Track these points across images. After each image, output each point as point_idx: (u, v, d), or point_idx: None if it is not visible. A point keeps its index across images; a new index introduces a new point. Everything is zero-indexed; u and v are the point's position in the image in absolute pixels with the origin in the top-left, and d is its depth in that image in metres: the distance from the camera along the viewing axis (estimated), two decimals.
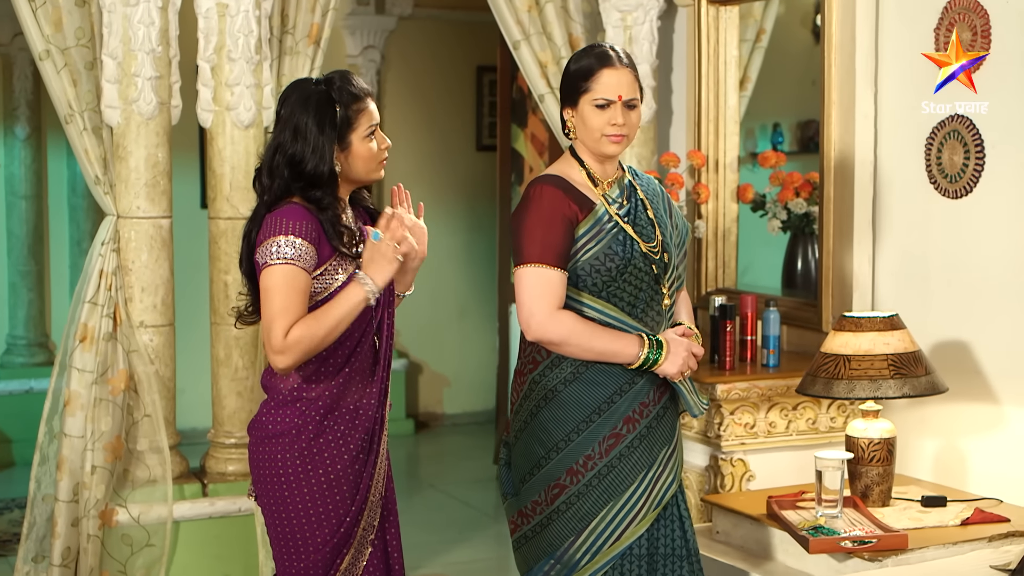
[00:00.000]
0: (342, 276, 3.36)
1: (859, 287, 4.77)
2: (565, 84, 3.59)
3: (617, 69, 3.51)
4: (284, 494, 3.39)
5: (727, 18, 5.44)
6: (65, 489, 4.90)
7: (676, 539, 3.58)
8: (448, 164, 8.83)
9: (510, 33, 5.57)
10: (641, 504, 3.51)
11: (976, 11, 4.34)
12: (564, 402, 3.49)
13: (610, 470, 3.48)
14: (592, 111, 3.51)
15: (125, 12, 4.88)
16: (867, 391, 4.01)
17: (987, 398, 4.38)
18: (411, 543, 6.33)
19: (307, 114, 3.35)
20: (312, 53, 5.26)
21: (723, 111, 5.47)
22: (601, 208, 3.52)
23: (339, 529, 3.39)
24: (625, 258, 3.48)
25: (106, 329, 4.94)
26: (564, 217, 3.47)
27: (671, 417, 3.59)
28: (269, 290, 3.28)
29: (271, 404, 3.43)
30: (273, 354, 3.29)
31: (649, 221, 3.59)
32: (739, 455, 4.62)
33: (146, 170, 4.96)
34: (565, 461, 3.49)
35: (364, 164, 3.42)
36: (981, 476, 4.40)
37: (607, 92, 3.50)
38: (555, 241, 3.45)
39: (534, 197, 3.51)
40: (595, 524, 3.48)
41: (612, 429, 3.48)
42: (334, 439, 3.39)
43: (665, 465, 3.55)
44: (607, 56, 3.53)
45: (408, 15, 8.57)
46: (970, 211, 4.42)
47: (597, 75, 3.51)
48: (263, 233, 3.32)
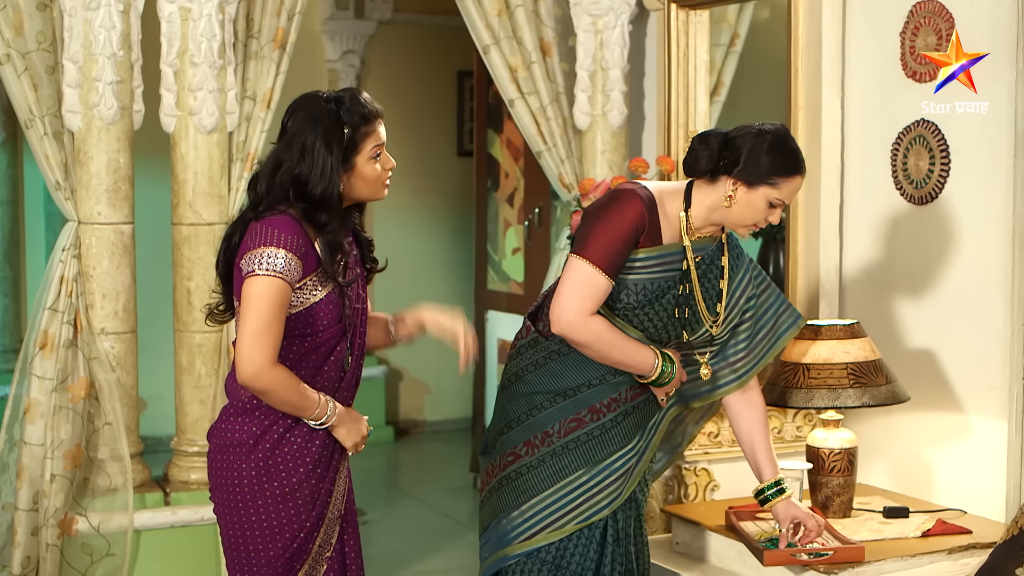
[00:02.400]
0: (320, 293, 3.30)
1: (826, 294, 4.72)
2: (755, 162, 3.43)
3: (803, 178, 3.50)
4: (239, 504, 3.34)
5: (697, 22, 5.39)
6: (25, 498, 4.85)
7: (589, 563, 3.54)
8: (429, 170, 8.78)
9: (480, 37, 5.53)
10: (570, 508, 3.49)
11: (941, 15, 4.29)
12: (529, 383, 3.56)
13: (565, 451, 3.51)
14: (763, 204, 3.45)
15: (86, 16, 4.82)
16: (826, 400, 3.95)
17: (953, 407, 4.33)
18: (383, 552, 6.33)
19: (315, 133, 3.26)
20: (278, 58, 5.20)
21: (693, 116, 5.42)
22: (674, 247, 3.50)
23: (292, 544, 3.34)
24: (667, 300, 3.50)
25: (66, 336, 4.88)
26: (633, 241, 3.45)
27: (634, 423, 3.55)
28: (253, 300, 3.21)
29: (230, 411, 3.38)
30: (246, 367, 3.20)
31: (717, 291, 3.57)
32: (703, 464, 4.56)
33: (107, 175, 4.91)
34: (525, 432, 3.55)
35: (367, 186, 3.35)
36: (946, 487, 4.34)
37: (788, 198, 3.49)
38: (621, 259, 3.44)
39: (625, 206, 3.45)
40: (534, 502, 3.51)
41: (576, 414, 3.52)
42: (291, 451, 3.34)
43: (608, 483, 3.52)
44: (801, 163, 3.48)
45: (388, 20, 8.53)
46: (935, 217, 4.36)
47: (791, 179, 3.46)
48: (251, 240, 3.25)
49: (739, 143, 3.45)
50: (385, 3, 8.49)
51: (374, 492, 7.52)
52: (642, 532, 3.69)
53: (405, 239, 8.62)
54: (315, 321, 3.30)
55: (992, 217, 4.14)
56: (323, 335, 3.33)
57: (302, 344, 3.32)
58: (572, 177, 5.58)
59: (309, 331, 3.31)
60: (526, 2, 5.53)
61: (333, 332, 3.35)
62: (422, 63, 8.70)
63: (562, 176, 5.59)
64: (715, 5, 5.35)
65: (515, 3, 5.51)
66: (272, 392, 3.23)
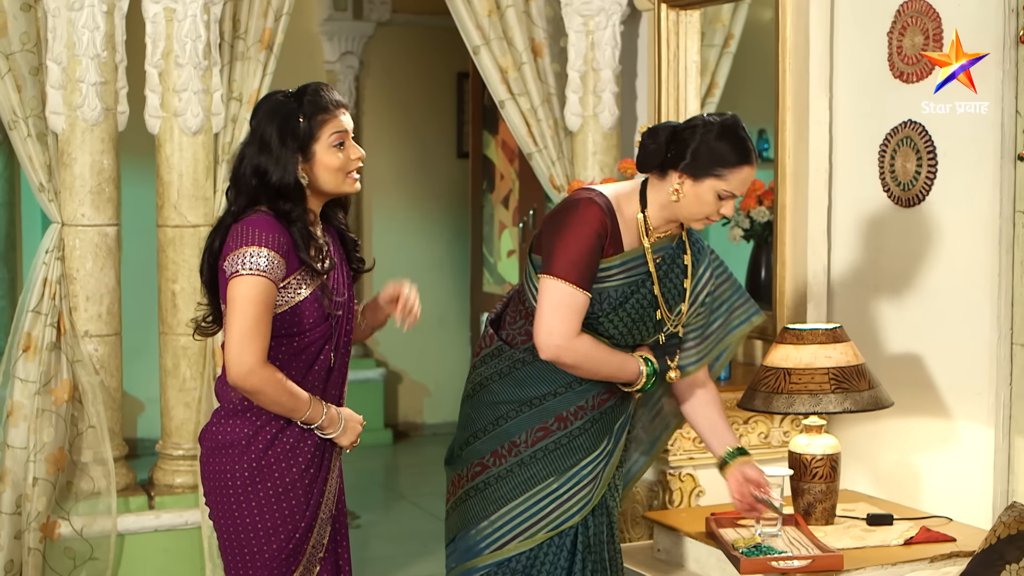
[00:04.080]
0: (305, 291, 3.29)
1: (814, 297, 4.65)
2: (699, 154, 3.38)
3: (753, 168, 3.41)
4: (233, 506, 3.33)
5: (688, 23, 5.33)
6: (8, 501, 4.82)
7: (559, 572, 3.50)
8: (428, 171, 8.73)
9: (470, 38, 5.49)
10: (540, 516, 3.46)
11: (928, 14, 4.23)
12: (493, 392, 3.52)
13: (534, 461, 3.48)
14: (711, 196, 3.39)
15: (70, 17, 4.80)
16: (807, 406, 3.89)
17: (939, 413, 4.26)
18: (373, 555, 6.29)
19: (272, 126, 3.30)
20: (264, 59, 5.17)
21: (684, 117, 5.36)
22: (635, 253, 3.45)
23: (287, 544, 3.33)
24: (631, 305, 3.45)
25: (50, 339, 4.85)
26: (599, 251, 3.40)
27: (601, 428, 3.50)
28: (238, 301, 3.20)
29: (221, 413, 3.37)
30: (236, 368, 3.19)
31: (680, 290, 3.53)
32: (688, 470, 4.51)
33: (91, 177, 4.88)
34: (492, 443, 3.51)
35: (330, 175, 3.33)
36: (932, 493, 4.28)
37: (737, 188, 3.40)
38: (592, 272, 3.40)
39: (582, 213, 3.40)
40: (504, 512, 3.47)
41: (543, 423, 3.48)
42: (284, 452, 3.33)
43: (577, 489, 3.48)
44: (749, 152, 3.39)
45: (386, 21, 8.48)
46: (923, 220, 4.30)
47: (737, 170, 3.38)
48: (232, 242, 3.24)
49: (686, 136, 3.40)
50: (384, 4, 8.44)
51: (370, 495, 7.47)
52: (614, 539, 3.64)
53: (403, 240, 8.58)
54: (301, 320, 3.30)
55: (978, 220, 4.08)
56: (310, 335, 3.32)
57: (290, 344, 3.31)
58: (563, 179, 5.53)
59: (295, 330, 3.30)
60: (517, 2, 5.48)
61: (321, 331, 3.34)
62: (421, 64, 8.65)
63: (553, 178, 5.54)
64: (705, 5, 5.29)
65: (506, 3, 5.46)
66: (263, 392, 3.22)
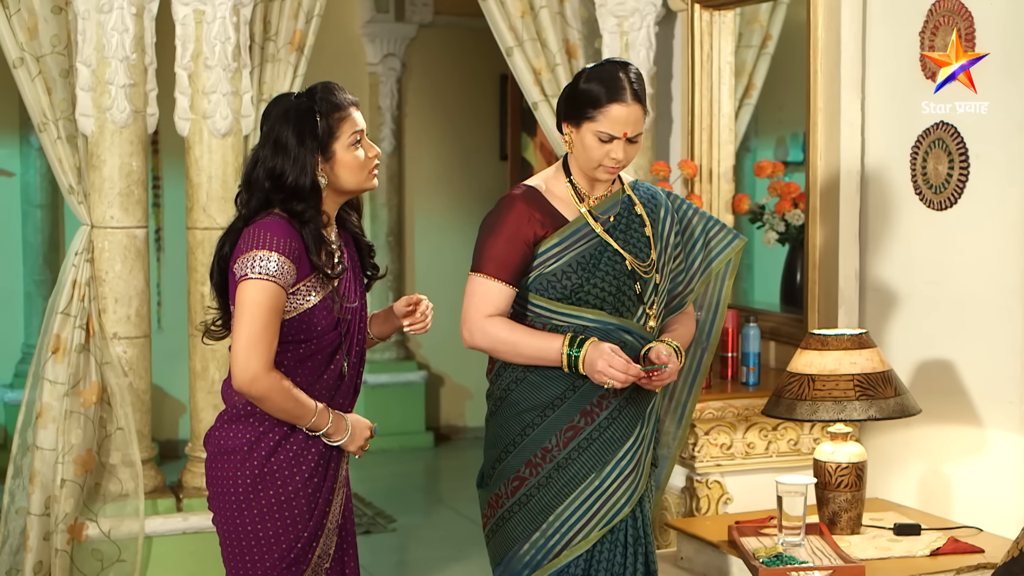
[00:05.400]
0: (314, 298, 3.25)
1: (845, 302, 4.57)
2: (571, 101, 3.40)
3: (627, 106, 3.34)
4: (235, 513, 3.30)
5: (721, 23, 5.26)
6: (37, 502, 4.83)
7: (616, 568, 3.44)
8: (470, 174, 8.70)
9: (503, 39, 5.44)
10: (590, 515, 3.41)
11: (960, 13, 4.14)
12: (514, 403, 3.46)
13: (570, 462, 3.42)
14: (593, 140, 3.37)
15: (99, 19, 4.80)
16: (831, 413, 3.81)
17: (971, 420, 4.17)
18: (411, 559, 6.27)
19: (287, 127, 3.24)
20: (295, 60, 5.16)
21: (717, 119, 5.30)
22: (579, 223, 3.43)
23: (289, 554, 3.29)
24: (604, 269, 3.40)
25: (78, 340, 4.86)
26: (523, 238, 3.41)
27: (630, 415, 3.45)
28: (247, 305, 3.16)
29: (225, 417, 3.33)
30: (242, 373, 3.16)
31: (644, 239, 3.47)
32: (715, 477, 4.44)
33: (120, 179, 4.88)
34: (523, 454, 3.45)
35: (351, 174, 3.29)
36: (963, 503, 4.18)
37: (613, 128, 3.34)
38: (510, 260, 3.41)
39: (502, 210, 3.46)
40: (552, 519, 3.42)
41: (569, 422, 3.42)
42: (287, 459, 3.28)
43: (620, 481, 3.42)
44: (619, 90, 3.34)
45: (428, 22, 8.44)
46: (955, 223, 4.21)
47: (606, 109, 3.34)
48: (243, 244, 3.20)
49: (568, 88, 3.43)
50: (426, 6, 8.41)
51: (409, 499, 7.44)
52: (648, 534, 3.56)
53: (445, 242, 8.55)
54: (311, 326, 3.25)
55: (1009, 223, 3.99)
56: (320, 341, 3.28)
57: (297, 350, 3.26)
58: None
59: (304, 337, 3.25)
60: (551, 3, 5.43)
61: (331, 338, 3.29)
62: (463, 66, 8.61)
63: None
64: (739, 5, 5.22)
65: (539, 4, 5.41)
66: (268, 399, 3.18)
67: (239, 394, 3.25)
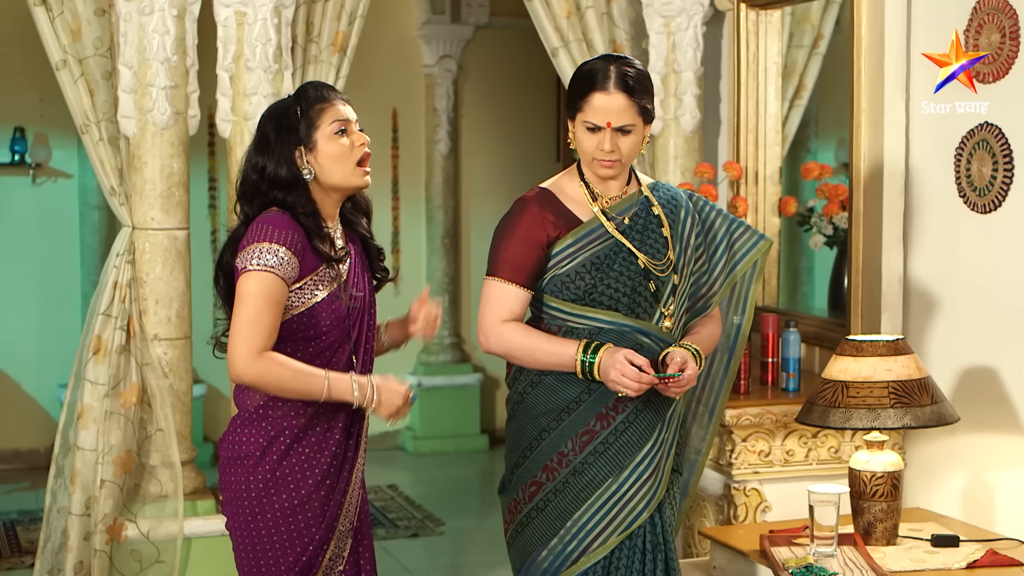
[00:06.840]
0: (321, 293, 3.24)
1: (888, 307, 4.46)
2: (568, 95, 3.44)
3: (608, 95, 3.32)
4: (248, 518, 3.28)
5: (767, 23, 5.18)
6: (78, 502, 4.85)
7: (636, 573, 3.38)
8: (528, 175, 8.61)
9: (548, 39, 5.41)
10: (608, 520, 3.36)
11: (1005, 11, 4.03)
12: (530, 407, 3.43)
13: (587, 467, 3.38)
14: (584, 132, 3.38)
15: (140, 21, 4.81)
16: (865, 421, 3.71)
17: (1016, 429, 4.05)
18: (464, 563, 6.25)
19: (270, 124, 3.31)
20: (337, 62, 5.14)
21: (763, 120, 5.21)
22: (592, 223, 3.40)
23: (302, 557, 3.27)
24: (618, 269, 3.36)
25: (119, 341, 4.88)
26: (536, 241, 3.39)
27: (648, 419, 3.39)
28: (244, 296, 3.16)
29: (238, 421, 3.32)
30: (232, 363, 3.17)
31: (662, 239, 3.42)
32: (752, 484, 4.36)
33: (161, 181, 4.89)
34: (540, 459, 3.42)
35: (336, 164, 3.27)
36: (1005, 514, 4.07)
37: (595, 118, 3.33)
38: (525, 263, 3.40)
39: (515, 213, 3.45)
40: (569, 525, 3.38)
41: (585, 426, 3.39)
42: (299, 463, 3.27)
43: (638, 486, 3.37)
44: (602, 79, 3.33)
45: (485, 24, 8.41)
46: (999, 226, 4.10)
47: (589, 98, 3.35)
48: (247, 237, 3.22)
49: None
50: (482, 7, 8.37)
51: (463, 502, 7.42)
52: (668, 540, 3.50)
53: None
54: (317, 322, 3.24)
55: None
56: (327, 338, 3.27)
57: (306, 348, 3.25)
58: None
59: (312, 333, 3.25)
60: (597, 3, 5.38)
61: (337, 334, 3.28)
62: (520, 67, 8.56)
63: None
64: (785, 5, 5.13)
65: (586, 5, 5.36)
66: (265, 382, 3.16)
67: (251, 396, 3.25)
